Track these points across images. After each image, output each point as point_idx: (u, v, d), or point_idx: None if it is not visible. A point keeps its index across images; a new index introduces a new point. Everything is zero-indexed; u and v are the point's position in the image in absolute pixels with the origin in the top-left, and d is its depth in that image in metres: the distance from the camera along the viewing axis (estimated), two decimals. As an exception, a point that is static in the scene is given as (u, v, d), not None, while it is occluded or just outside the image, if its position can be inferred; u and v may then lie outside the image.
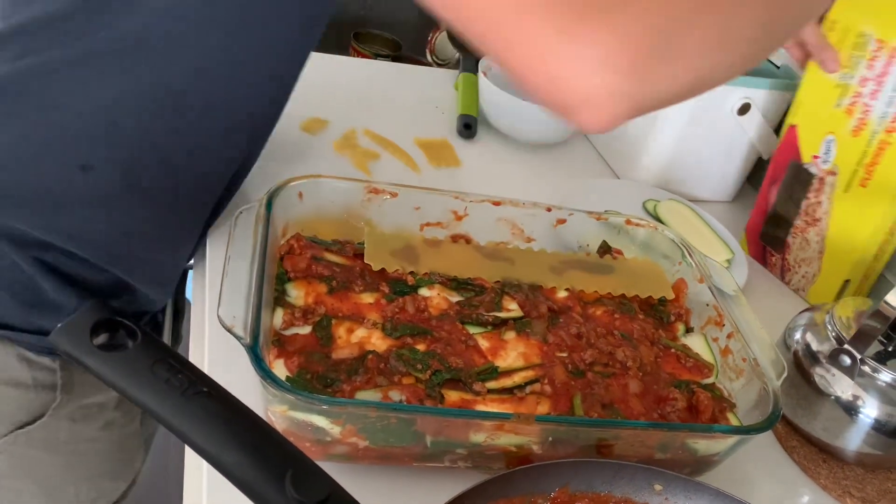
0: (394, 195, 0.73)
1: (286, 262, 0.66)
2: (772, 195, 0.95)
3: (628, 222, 0.79)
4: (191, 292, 0.76)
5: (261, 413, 0.46)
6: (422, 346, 0.62)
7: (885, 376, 0.66)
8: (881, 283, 0.92)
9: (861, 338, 0.67)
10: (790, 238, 0.93)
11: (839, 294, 0.90)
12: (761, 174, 0.99)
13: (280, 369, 0.57)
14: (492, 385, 0.60)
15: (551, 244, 0.78)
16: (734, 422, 0.63)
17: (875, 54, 0.82)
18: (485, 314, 0.67)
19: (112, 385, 0.39)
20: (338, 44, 1.45)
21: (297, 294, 0.64)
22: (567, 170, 1.06)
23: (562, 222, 0.78)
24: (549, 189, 0.98)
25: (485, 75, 1.06)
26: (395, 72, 1.21)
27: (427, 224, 0.75)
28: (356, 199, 0.72)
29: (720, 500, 0.55)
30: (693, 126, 1.00)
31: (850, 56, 0.83)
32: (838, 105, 0.85)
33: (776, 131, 1.03)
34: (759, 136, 1.02)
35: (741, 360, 0.66)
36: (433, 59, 1.36)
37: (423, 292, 0.67)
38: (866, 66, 0.83)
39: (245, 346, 0.52)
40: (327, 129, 0.98)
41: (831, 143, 0.86)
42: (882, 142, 0.82)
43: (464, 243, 0.75)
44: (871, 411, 0.67)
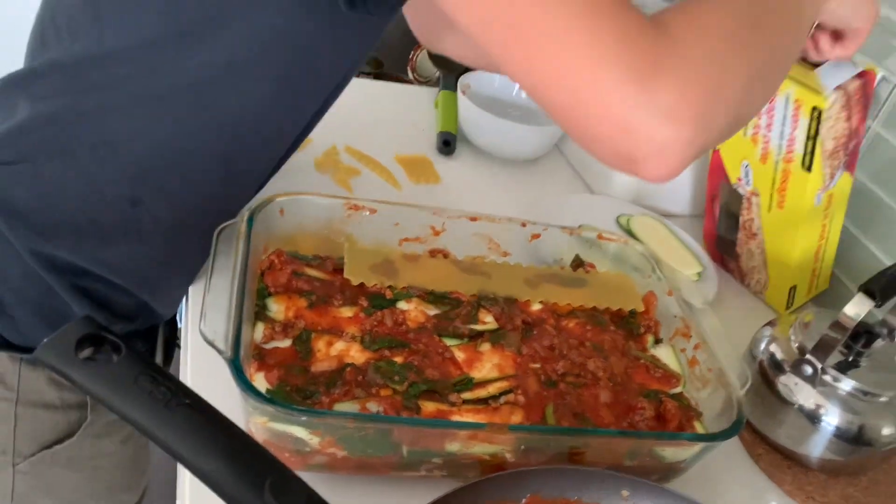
0: (373, 211, 0.75)
1: (267, 278, 0.67)
2: (716, 209, 0.98)
3: (600, 237, 0.81)
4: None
5: (242, 424, 0.47)
6: (399, 359, 0.64)
7: (846, 385, 0.69)
8: (835, 280, 0.95)
9: (822, 348, 0.69)
10: (738, 249, 0.95)
11: (790, 297, 0.93)
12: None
13: (261, 382, 0.59)
14: (467, 396, 0.62)
15: (527, 258, 0.80)
16: (700, 430, 0.65)
17: None
18: (461, 327, 0.69)
19: (97, 397, 0.40)
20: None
21: (277, 308, 0.66)
22: (543, 185, 1.09)
23: (536, 237, 0.80)
24: (526, 204, 1.00)
25: (464, 93, 1.09)
26: (377, 89, 1.23)
27: (406, 239, 0.77)
28: (337, 216, 0.74)
29: (683, 504, 0.57)
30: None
31: None
32: (746, 134, 0.88)
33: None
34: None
35: (707, 371, 0.68)
36: (414, 77, 1.39)
37: (402, 306, 0.69)
38: None
39: (226, 359, 0.54)
40: (309, 146, 0.99)
41: (748, 169, 0.89)
42: (784, 170, 0.85)
43: (442, 258, 0.77)
44: (832, 419, 0.69)
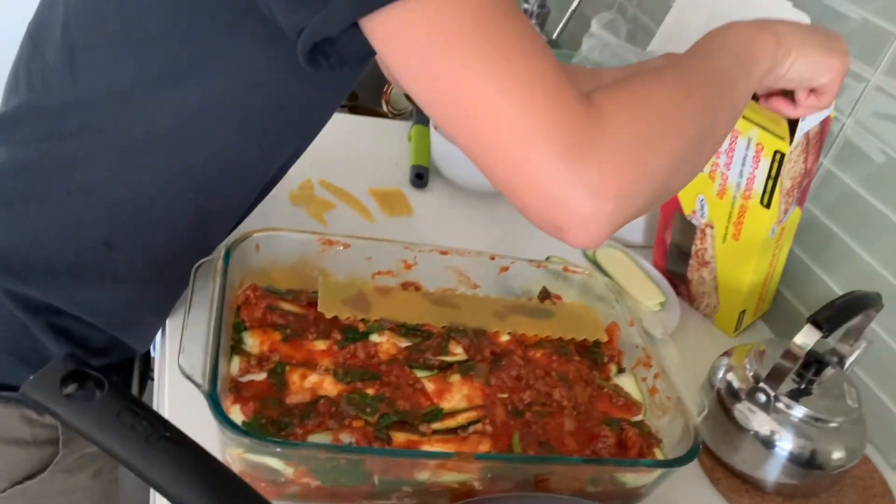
0: (346, 246, 0.77)
1: (243, 312, 0.70)
2: (667, 238, 1.01)
3: (566, 269, 0.85)
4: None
5: (219, 455, 0.49)
6: (371, 391, 0.66)
7: (798, 412, 0.73)
8: (778, 298, 1.00)
9: (775, 376, 0.73)
10: (689, 275, 0.99)
11: (739, 320, 0.96)
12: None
13: (237, 414, 0.61)
14: (437, 426, 0.65)
15: (496, 290, 0.83)
16: (660, 456, 0.68)
17: None
18: (432, 358, 0.71)
19: (81, 433, 0.42)
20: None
21: (252, 342, 0.68)
22: (514, 217, 1.11)
23: (505, 269, 0.83)
24: (497, 235, 1.03)
25: (436, 128, 1.12)
26: (351, 124, 1.26)
27: (378, 273, 0.79)
28: (311, 250, 0.77)
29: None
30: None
31: None
32: (703, 170, 0.92)
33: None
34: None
35: (667, 399, 0.72)
36: (389, 110, 1.42)
37: (374, 338, 0.72)
38: None
39: (203, 392, 0.56)
40: (284, 180, 1.02)
41: (703, 202, 0.93)
42: (742, 206, 0.89)
43: (413, 290, 0.80)
44: (786, 445, 0.72)
